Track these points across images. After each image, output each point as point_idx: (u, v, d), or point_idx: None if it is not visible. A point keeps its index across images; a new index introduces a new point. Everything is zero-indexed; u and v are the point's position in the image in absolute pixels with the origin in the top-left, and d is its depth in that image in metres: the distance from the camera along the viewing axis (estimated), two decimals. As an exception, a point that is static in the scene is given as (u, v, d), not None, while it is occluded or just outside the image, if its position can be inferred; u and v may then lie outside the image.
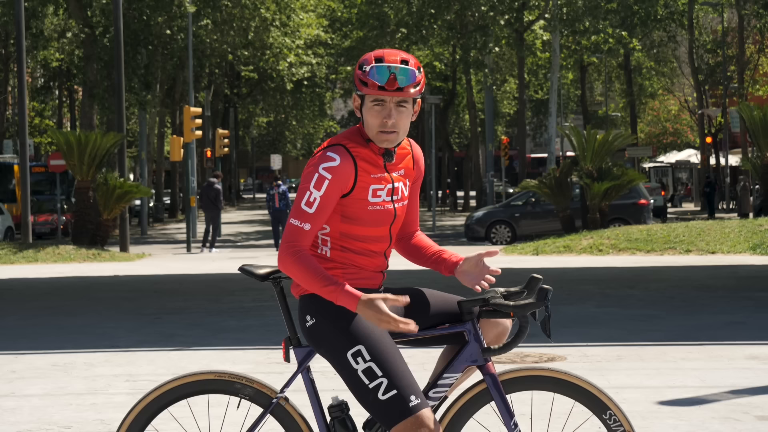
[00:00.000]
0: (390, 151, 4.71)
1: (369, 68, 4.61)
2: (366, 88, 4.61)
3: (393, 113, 4.62)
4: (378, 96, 4.61)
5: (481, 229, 37.46)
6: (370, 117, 4.64)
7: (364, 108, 4.66)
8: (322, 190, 4.58)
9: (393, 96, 4.60)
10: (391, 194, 4.73)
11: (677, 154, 79.99)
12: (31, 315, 16.11)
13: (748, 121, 32.00)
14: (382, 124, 4.62)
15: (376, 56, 4.63)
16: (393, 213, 4.74)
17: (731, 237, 27.75)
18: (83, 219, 32.92)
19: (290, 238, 4.59)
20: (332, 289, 4.52)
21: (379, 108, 4.63)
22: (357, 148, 4.66)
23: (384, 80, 4.58)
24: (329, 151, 4.63)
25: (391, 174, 4.74)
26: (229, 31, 50.63)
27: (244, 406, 5.08)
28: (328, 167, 4.59)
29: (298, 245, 4.58)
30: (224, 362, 11.21)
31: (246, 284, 18.98)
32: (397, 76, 4.58)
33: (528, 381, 4.81)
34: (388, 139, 4.66)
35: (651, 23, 53.85)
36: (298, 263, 4.56)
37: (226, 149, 52.71)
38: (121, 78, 34.85)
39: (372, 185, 4.67)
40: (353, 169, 4.62)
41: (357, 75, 4.65)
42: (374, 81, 4.59)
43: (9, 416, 8.74)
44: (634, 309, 15.49)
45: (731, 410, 8.43)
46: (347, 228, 4.68)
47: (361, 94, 4.66)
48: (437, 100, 53.99)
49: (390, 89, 4.59)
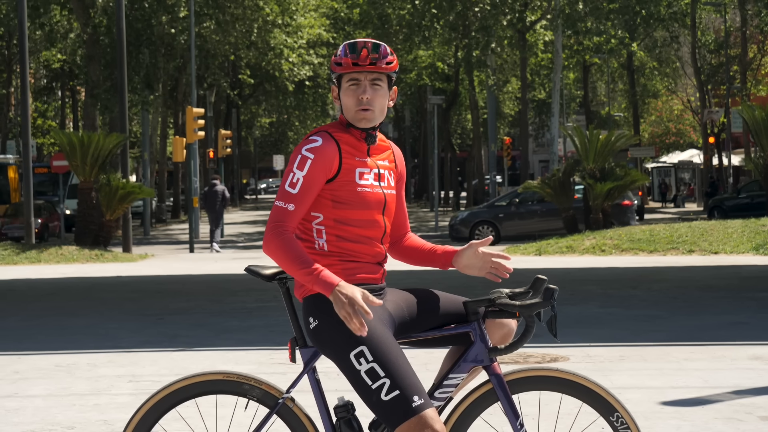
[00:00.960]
0: (371, 134, 4.78)
1: (341, 48, 4.76)
2: (340, 68, 4.74)
3: (368, 90, 4.73)
4: (353, 75, 4.72)
5: (465, 229, 37.51)
6: (346, 98, 4.75)
7: (341, 92, 4.77)
8: (304, 170, 4.65)
9: (367, 72, 4.71)
10: (378, 179, 4.78)
11: (680, 154, 79.97)
12: (34, 316, 16.11)
13: (750, 121, 31.98)
14: (358, 101, 4.73)
15: (349, 42, 4.77)
16: (383, 197, 4.78)
17: (734, 237, 27.75)
18: (86, 220, 32.93)
19: (275, 218, 4.64)
20: (309, 272, 4.54)
21: (354, 87, 4.74)
22: (339, 133, 4.76)
23: (357, 56, 4.70)
24: (312, 135, 4.74)
25: (375, 160, 4.79)
26: (231, 31, 50.64)
27: (251, 407, 5.08)
28: (310, 148, 4.68)
29: (282, 226, 4.62)
30: (227, 363, 11.22)
31: (249, 285, 18.99)
32: (369, 51, 4.71)
33: (534, 381, 4.81)
34: (365, 116, 4.74)
35: (653, 23, 53.85)
36: (281, 244, 4.59)
37: (228, 150, 52.71)
38: (124, 78, 34.87)
39: (357, 168, 4.73)
40: (336, 149, 4.70)
41: (332, 60, 4.78)
42: (348, 59, 4.71)
43: (12, 417, 8.74)
44: (636, 309, 15.49)
45: (734, 410, 8.43)
46: (340, 213, 4.71)
47: (338, 77, 4.76)
48: (440, 100, 53.99)
49: (363, 64, 4.70)
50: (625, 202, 36.99)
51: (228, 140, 55.38)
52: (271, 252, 4.62)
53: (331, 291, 4.51)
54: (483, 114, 64.54)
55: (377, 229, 4.77)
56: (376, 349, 4.57)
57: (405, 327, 4.80)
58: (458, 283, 19.03)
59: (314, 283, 4.54)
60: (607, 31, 48.44)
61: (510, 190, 47.39)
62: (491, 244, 30.31)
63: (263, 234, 27.88)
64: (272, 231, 4.62)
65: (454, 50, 58.16)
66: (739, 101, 53.74)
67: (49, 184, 52.84)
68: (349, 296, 4.48)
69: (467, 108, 71.78)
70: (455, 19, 50.40)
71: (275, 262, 4.65)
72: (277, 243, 4.59)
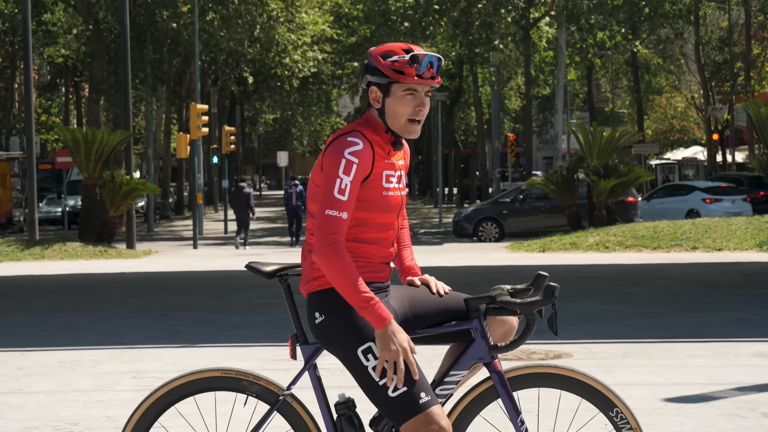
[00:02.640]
0: (399, 140, 4.74)
1: (407, 57, 4.64)
2: (402, 76, 4.64)
3: (425, 102, 4.68)
4: (412, 85, 4.65)
5: (468, 225, 37.52)
6: (400, 106, 4.67)
7: (391, 98, 4.68)
8: (351, 175, 4.58)
9: (426, 85, 4.67)
10: (399, 181, 4.76)
11: (684, 151, 79.84)
12: (38, 312, 16.13)
13: (754, 117, 31.95)
14: (414, 112, 4.67)
15: (403, 48, 4.68)
16: (401, 200, 4.78)
17: (738, 234, 27.74)
18: (90, 216, 32.96)
19: (330, 230, 4.56)
20: (366, 300, 4.52)
21: (411, 97, 4.67)
22: (371, 135, 4.69)
23: (422, 69, 4.64)
24: (349, 137, 4.63)
25: (396, 161, 4.76)
26: (236, 27, 50.62)
27: (251, 404, 5.08)
28: (353, 152, 4.59)
29: (338, 236, 4.56)
30: (231, 359, 11.22)
31: (252, 281, 19.00)
32: (433, 65, 4.66)
33: (535, 378, 4.81)
34: (416, 129, 4.71)
35: (657, 20, 53.77)
36: (339, 261, 4.54)
37: (232, 146, 52.67)
38: (128, 74, 34.88)
39: (385, 171, 4.69)
40: (372, 153, 4.64)
41: (386, 65, 4.65)
42: (411, 69, 4.63)
43: (16, 413, 8.75)
44: (640, 306, 15.49)
45: (737, 407, 8.43)
46: (362, 216, 4.68)
47: (387, 83, 4.66)
48: (444, 96, 53.98)
49: (426, 78, 4.65)
50: (629, 199, 37.00)
51: (232, 137, 55.34)
52: (332, 271, 4.55)
53: (383, 326, 4.53)
54: (486, 110, 64.50)
55: (392, 231, 4.77)
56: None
57: (407, 324, 4.80)
58: (461, 280, 19.04)
59: (368, 313, 4.53)
60: (611, 27, 48.38)
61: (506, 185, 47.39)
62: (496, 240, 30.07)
63: (267, 230, 27.65)
64: (331, 245, 4.55)
65: (458, 47, 58.12)
66: (743, 98, 53.70)
67: (53, 180, 52.92)
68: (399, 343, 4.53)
69: (471, 104, 71.75)
70: (458, 16, 50.36)
71: (329, 278, 4.59)
72: (339, 263, 4.54)
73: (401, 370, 4.52)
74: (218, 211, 66.65)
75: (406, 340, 4.55)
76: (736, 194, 39.64)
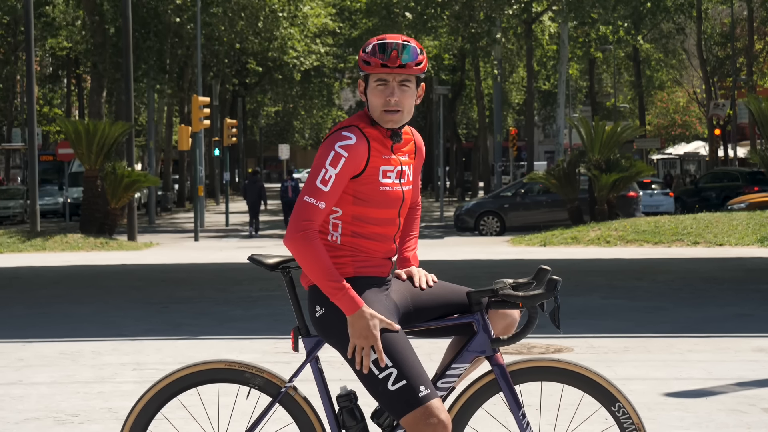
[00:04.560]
0: (397, 132, 4.73)
1: (371, 47, 4.67)
2: (369, 67, 4.66)
3: (396, 91, 4.66)
4: (381, 75, 4.66)
5: (470, 219, 37.53)
6: (373, 97, 4.68)
7: (368, 90, 4.70)
8: (338, 168, 4.59)
9: (396, 74, 4.65)
10: (400, 177, 4.75)
11: (685, 145, 79.85)
12: (39, 303, 16.14)
13: (756, 113, 31.94)
14: (386, 102, 4.66)
15: (379, 38, 4.70)
16: (401, 196, 4.76)
17: (739, 229, 27.73)
18: (91, 208, 32.97)
19: (303, 216, 4.58)
20: (336, 287, 4.54)
21: (382, 87, 4.67)
22: (368, 129, 4.69)
23: (387, 57, 4.63)
24: (344, 131, 4.65)
25: (398, 157, 4.75)
26: (238, 20, 50.59)
27: (254, 396, 5.09)
28: (344, 145, 4.60)
29: (310, 224, 4.57)
30: (231, 351, 11.23)
31: (253, 274, 19.00)
32: (399, 52, 4.63)
33: (537, 372, 4.81)
34: (392, 119, 4.68)
35: (660, 14, 53.78)
36: (309, 247, 4.55)
37: (234, 139, 52.67)
38: (130, 67, 34.87)
39: (382, 166, 4.68)
40: (367, 149, 4.64)
41: (360, 57, 4.70)
42: (377, 59, 4.64)
43: (17, 404, 8.76)
44: (641, 301, 15.49)
45: (738, 402, 8.44)
46: (359, 211, 4.68)
47: (365, 75, 4.69)
48: (445, 90, 53.94)
49: (392, 66, 4.63)
50: (631, 193, 36.98)
51: (233, 129, 55.33)
52: (298, 252, 4.58)
53: (353, 313, 4.54)
54: (488, 104, 64.45)
55: (392, 226, 4.76)
56: (384, 339, 4.58)
57: (409, 317, 4.80)
58: (462, 274, 19.05)
59: (338, 299, 4.55)
60: (613, 22, 48.33)
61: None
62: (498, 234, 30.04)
63: (268, 223, 27.69)
64: (301, 231, 4.56)
65: (460, 40, 58.10)
66: (745, 93, 53.66)
67: (54, 171, 52.89)
68: (370, 330, 4.54)
69: (473, 98, 71.72)
70: (460, 9, 50.33)
71: (298, 262, 4.61)
72: (306, 247, 4.55)
73: (367, 356, 4.55)
74: (220, 203, 66.69)
75: (377, 327, 4.55)
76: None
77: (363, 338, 4.54)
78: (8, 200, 47.97)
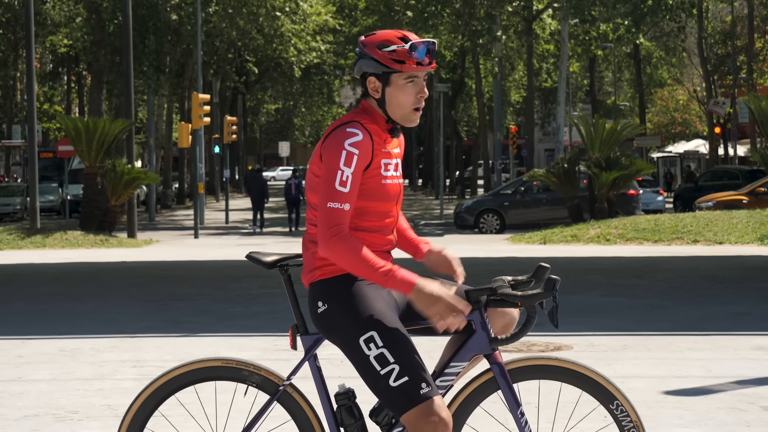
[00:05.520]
0: (396, 128, 4.75)
1: (402, 46, 4.64)
2: (403, 65, 4.63)
3: (425, 88, 4.70)
4: (413, 73, 4.66)
5: (470, 217, 37.54)
6: (403, 95, 4.67)
7: (392, 88, 4.67)
8: (352, 166, 4.58)
9: (425, 71, 4.68)
10: (396, 169, 4.77)
11: (686, 144, 79.85)
12: (39, 300, 16.14)
13: (756, 111, 31.95)
14: (417, 100, 4.68)
15: (398, 36, 4.67)
16: (399, 189, 4.78)
17: (739, 227, 27.73)
18: (91, 205, 32.98)
19: (333, 222, 4.55)
20: (386, 273, 4.52)
21: (412, 85, 4.67)
22: (369, 124, 4.68)
23: (423, 56, 4.64)
24: (348, 128, 4.63)
25: (391, 150, 4.77)
26: (238, 17, 50.57)
27: (251, 393, 5.08)
28: (353, 143, 4.59)
29: (342, 228, 4.55)
30: (231, 349, 11.23)
31: (253, 271, 19.00)
32: (431, 51, 4.67)
33: (535, 370, 4.81)
34: (417, 117, 4.72)
35: (661, 12, 53.73)
36: (345, 246, 4.53)
37: (234, 136, 52.69)
38: (130, 64, 34.86)
39: (383, 159, 4.69)
40: (371, 143, 4.64)
41: (384, 55, 4.64)
42: (414, 58, 4.63)
43: (16, 401, 8.76)
44: (640, 299, 15.49)
45: (737, 400, 8.44)
46: (362, 204, 4.67)
47: (386, 73, 4.65)
48: (446, 88, 53.91)
49: (425, 64, 4.65)
50: (631, 191, 36.99)
51: (233, 126, 55.33)
52: (340, 257, 4.55)
53: (412, 289, 4.53)
54: (489, 102, 64.42)
55: (391, 219, 4.77)
56: (386, 335, 4.58)
57: (409, 314, 4.80)
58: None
59: (392, 284, 4.54)
60: (614, 20, 48.33)
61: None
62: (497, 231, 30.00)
63: (268, 220, 27.62)
64: (336, 236, 4.53)
65: (460, 38, 58.08)
66: (745, 92, 53.65)
67: (54, 168, 52.92)
68: (435, 295, 4.53)
69: (473, 96, 71.70)
70: (461, 7, 50.32)
71: (344, 266, 4.59)
72: (345, 248, 4.53)
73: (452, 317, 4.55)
74: (220, 200, 66.68)
75: (441, 287, 4.56)
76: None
77: (432, 305, 4.54)
78: (8, 197, 47.97)
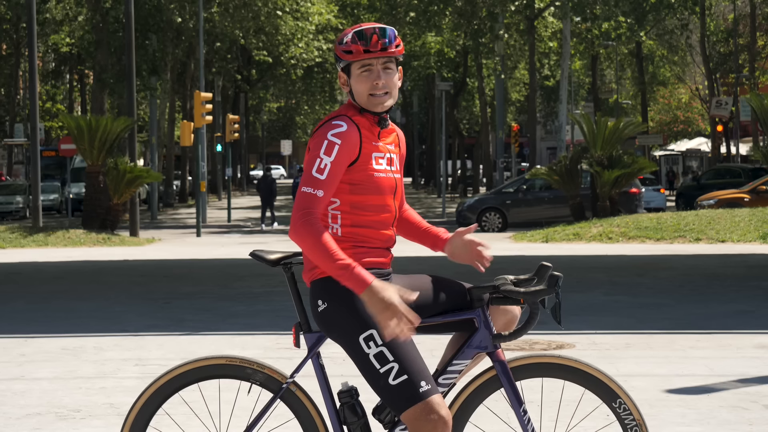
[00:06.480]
0: (384, 118, 4.76)
1: (350, 36, 4.70)
2: (351, 55, 4.69)
3: (381, 75, 4.69)
4: (365, 61, 4.69)
5: (472, 215, 37.53)
6: (359, 85, 4.71)
7: (352, 80, 4.73)
8: (332, 155, 4.61)
9: (379, 57, 4.68)
10: (390, 164, 4.78)
11: (688, 142, 79.85)
12: (41, 299, 16.15)
13: (758, 110, 31.93)
14: (373, 87, 4.69)
15: (353, 28, 4.75)
16: (394, 182, 4.79)
17: (741, 226, 27.71)
18: (93, 203, 32.98)
19: (303, 205, 4.58)
20: (343, 266, 4.49)
21: (367, 73, 4.70)
22: (356, 117, 4.73)
23: (368, 43, 4.67)
24: (334, 120, 4.68)
25: (385, 144, 4.78)
26: (238, 17, 50.57)
27: (255, 391, 5.09)
28: (336, 133, 4.63)
29: (312, 213, 4.57)
30: (233, 347, 11.24)
31: (255, 270, 19.01)
32: (379, 36, 4.67)
33: (538, 368, 4.81)
34: (381, 101, 4.71)
35: (663, 10, 53.72)
36: (312, 233, 4.53)
37: (236, 135, 52.72)
38: (132, 63, 34.86)
39: (373, 153, 4.72)
40: (358, 135, 4.67)
41: (339, 49, 4.73)
42: (358, 46, 4.67)
43: (19, 399, 8.77)
44: (643, 297, 15.49)
45: (739, 399, 8.44)
46: (356, 199, 4.69)
47: (346, 65, 4.72)
48: (448, 86, 53.90)
49: (375, 50, 4.67)
50: (633, 189, 36.97)
51: (236, 125, 55.37)
52: (301, 240, 4.55)
53: (364, 289, 4.49)
54: (491, 100, 64.36)
55: (389, 213, 4.77)
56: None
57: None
58: (464, 269, 19.02)
59: (347, 279, 4.50)
60: (616, 18, 48.31)
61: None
62: (499, 230, 29.97)
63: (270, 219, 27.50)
64: (302, 218, 4.55)
65: (463, 36, 58.08)
66: (747, 90, 53.62)
67: (56, 167, 52.92)
68: (387, 301, 4.45)
69: (475, 94, 71.69)
70: (463, 5, 50.32)
71: (303, 250, 4.60)
72: (308, 231, 4.53)
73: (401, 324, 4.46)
74: (222, 199, 66.68)
75: (394, 294, 4.47)
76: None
77: (384, 310, 4.47)
78: (10, 196, 47.98)
